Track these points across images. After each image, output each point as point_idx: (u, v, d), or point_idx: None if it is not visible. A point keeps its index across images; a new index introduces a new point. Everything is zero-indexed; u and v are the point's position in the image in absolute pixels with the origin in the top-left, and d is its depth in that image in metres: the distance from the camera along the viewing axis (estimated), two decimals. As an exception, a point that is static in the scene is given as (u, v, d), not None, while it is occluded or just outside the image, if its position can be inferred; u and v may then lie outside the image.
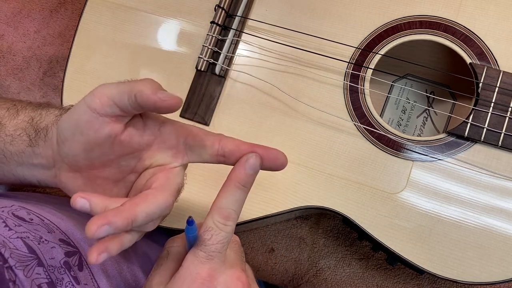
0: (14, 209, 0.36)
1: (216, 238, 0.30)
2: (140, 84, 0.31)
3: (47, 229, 0.36)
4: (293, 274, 0.60)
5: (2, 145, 0.36)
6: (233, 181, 0.31)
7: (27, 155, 0.36)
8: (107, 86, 0.32)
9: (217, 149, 0.34)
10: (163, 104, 0.31)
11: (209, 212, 0.31)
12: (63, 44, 0.71)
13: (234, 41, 0.52)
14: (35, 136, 0.35)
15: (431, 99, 0.59)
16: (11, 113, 0.37)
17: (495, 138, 0.45)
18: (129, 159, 0.35)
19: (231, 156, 0.33)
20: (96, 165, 0.34)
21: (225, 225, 0.31)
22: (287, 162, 0.33)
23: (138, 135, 0.34)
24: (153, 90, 0.31)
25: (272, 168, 0.32)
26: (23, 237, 0.32)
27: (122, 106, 0.32)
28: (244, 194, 0.31)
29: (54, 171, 0.36)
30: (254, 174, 0.31)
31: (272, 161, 0.32)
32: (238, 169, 0.31)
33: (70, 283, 0.33)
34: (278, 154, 0.32)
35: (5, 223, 0.33)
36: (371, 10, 0.51)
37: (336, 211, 0.47)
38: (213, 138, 0.34)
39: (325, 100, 0.49)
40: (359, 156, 0.48)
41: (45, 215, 0.38)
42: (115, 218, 0.28)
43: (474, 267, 0.44)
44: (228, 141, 0.33)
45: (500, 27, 0.48)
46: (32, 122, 0.36)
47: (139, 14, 0.55)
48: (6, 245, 0.31)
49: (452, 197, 0.45)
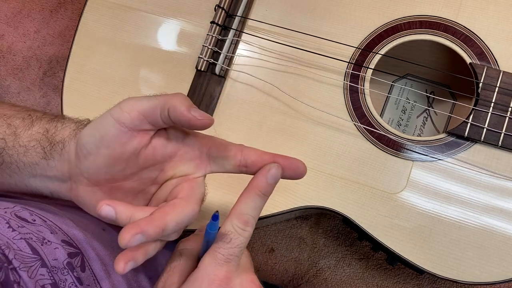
0: (17, 210, 0.36)
1: (234, 242, 0.31)
2: (174, 99, 0.32)
3: (49, 230, 0.35)
4: (293, 274, 0.60)
5: (15, 156, 0.35)
6: (254, 189, 0.32)
7: (41, 167, 0.35)
8: (137, 100, 0.32)
9: (239, 159, 0.34)
10: (198, 122, 0.32)
11: (229, 216, 0.32)
12: (63, 44, 0.71)
13: (234, 41, 0.52)
14: (50, 149, 0.35)
15: (431, 99, 0.59)
16: (26, 124, 0.36)
17: (495, 138, 0.45)
18: (151, 171, 0.35)
19: (253, 166, 0.34)
20: (118, 179, 0.34)
21: (244, 230, 0.31)
22: (306, 171, 0.33)
23: (162, 147, 0.34)
24: (187, 107, 0.31)
25: (293, 177, 0.33)
26: (27, 238, 0.32)
27: (153, 120, 0.32)
28: (263, 202, 0.32)
29: (70, 184, 0.35)
30: (275, 183, 0.32)
31: (293, 170, 0.33)
32: (260, 178, 0.32)
33: (73, 283, 0.33)
34: (299, 163, 0.33)
35: (8, 224, 0.33)
36: (371, 10, 0.51)
37: (336, 211, 0.47)
38: (235, 149, 0.34)
39: (325, 100, 0.49)
40: (359, 156, 0.48)
41: (47, 216, 0.38)
42: (148, 227, 0.29)
43: (474, 267, 0.44)
44: (250, 152, 0.34)
45: (500, 27, 0.48)
46: (47, 134, 0.36)
47: (139, 14, 0.55)
48: (10, 247, 0.30)
49: (452, 197, 0.45)
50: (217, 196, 0.49)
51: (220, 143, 0.35)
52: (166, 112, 0.32)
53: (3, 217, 0.33)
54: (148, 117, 0.32)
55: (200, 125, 0.32)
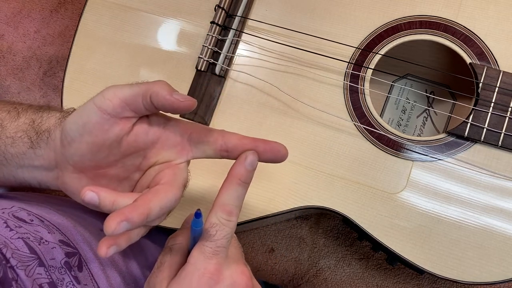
0: (14, 210, 0.36)
1: (221, 234, 0.31)
2: (155, 85, 0.32)
3: (47, 230, 0.36)
4: (293, 274, 0.60)
5: (3, 147, 0.36)
6: (234, 178, 0.32)
7: (28, 157, 0.36)
8: (119, 87, 0.33)
9: (220, 144, 0.35)
10: (181, 104, 0.32)
11: (212, 208, 0.32)
12: (63, 44, 0.71)
13: (234, 41, 0.52)
14: (36, 138, 0.36)
15: (431, 99, 0.59)
16: (12, 116, 0.37)
17: (495, 138, 0.45)
18: (134, 158, 0.36)
19: (234, 151, 0.34)
20: (102, 165, 0.35)
21: (228, 220, 0.31)
22: (287, 154, 0.34)
23: (144, 134, 0.35)
24: (169, 91, 0.32)
25: (274, 161, 0.34)
26: (24, 238, 0.32)
27: (135, 108, 0.33)
28: (245, 190, 0.32)
29: (56, 173, 0.36)
30: (253, 170, 0.33)
31: (274, 154, 0.34)
32: (239, 167, 0.32)
33: (70, 282, 0.33)
34: (279, 147, 0.34)
35: (6, 224, 0.33)
36: (371, 10, 0.51)
37: (336, 211, 0.47)
38: (216, 134, 0.35)
39: (325, 100, 0.49)
40: (359, 156, 0.48)
41: (45, 216, 0.38)
42: (132, 214, 0.30)
43: (474, 267, 0.44)
44: (231, 136, 0.35)
45: (500, 27, 0.48)
46: (34, 124, 0.36)
47: (139, 14, 0.55)
48: (8, 246, 0.31)
49: (452, 197, 0.45)
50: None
51: (201, 128, 0.35)
52: (148, 98, 0.32)
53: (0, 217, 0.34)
54: (130, 105, 0.32)
55: (184, 107, 0.32)
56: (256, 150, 0.34)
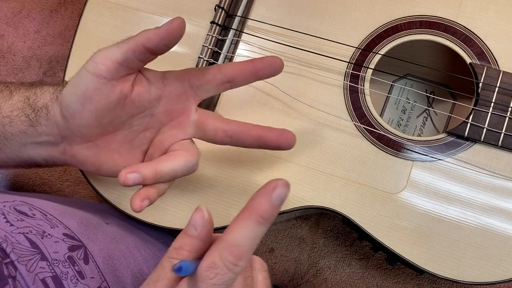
0: (16, 204, 0.36)
1: (220, 279, 0.24)
2: (141, 36, 0.33)
3: (50, 224, 0.36)
4: (293, 274, 0.60)
5: (1, 127, 0.36)
6: (253, 213, 0.24)
7: (30, 135, 0.36)
8: (107, 50, 0.33)
9: (220, 78, 0.36)
10: (173, 25, 0.32)
11: (218, 244, 0.25)
12: (63, 44, 0.71)
13: (234, 41, 0.52)
14: (34, 115, 0.35)
15: (431, 99, 0.59)
16: (5, 95, 0.37)
17: (495, 138, 0.45)
18: (141, 117, 0.36)
19: (236, 80, 0.36)
20: (110, 130, 0.35)
21: (235, 265, 0.25)
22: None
23: (145, 91, 0.35)
24: (156, 29, 0.32)
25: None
26: (25, 232, 0.32)
27: (129, 63, 0.33)
28: (265, 230, 0.25)
29: (63, 147, 0.36)
30: (280, 205, 0.25)
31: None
32: (262, 199, 0.25)
33: (74, 277, 0.33)
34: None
35: (6, 219, 0.33)
36: (371, 10, 0.51)
37: (336, 211, 0.47)
38: (213, 70, 0.36)
39: (325, 100, 0.49)
40: (359, 156, 0.48)
41: (48, 210, 0.38)
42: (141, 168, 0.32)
43: (474, 267, 0.44)
44: (228, 67, 0.36)
45: (500, 27, 0.48)
46: (28, 101, 0.36)
47: (139, 14, 0.55)
48: (8, 240, 0.31)
49: (452, 197, 0.45)
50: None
51: (197, 71, 0.36)
52: (141, 48, 0.32)
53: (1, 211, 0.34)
54: (123, 62, 0.33)
55: (176, 27, 0.32)
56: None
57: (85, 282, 0.33)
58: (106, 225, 0.42)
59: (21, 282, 0.29)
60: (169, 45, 0.33)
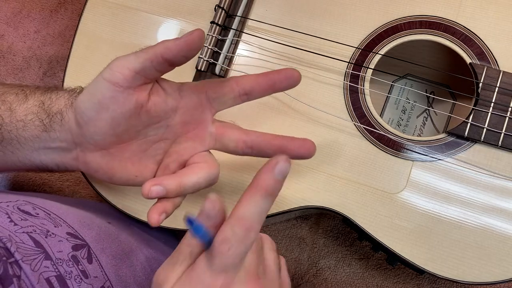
0: (19, 203, 0.36)
1: (234, 252, 0.26)
2: (160, 46, 0.32)
3: (53, 223, 0.36)
4: (293, 274, 0.60)
5: (15, 131, 0.35)
6: (258, 188, 0.27)
7: (43, 140, 0.36)
8: (125, 58, 0.33)
9: (238, 90, 0.35)
10: (192, 37, 0.32)
11: (229, 220, 0.27)
12: (63, 44, 0.71)
13: (234, 41, 0.52)
14: (49, 121, 0.35)
15: (431, 99, 0.59)
16: (20, 98, 0.37)
17: (495, 138, 0.45)
18: (156, 128, 0.36)
19: (253, 92, 0.35)
20: (124, 139, 0.35)
21: (246, 237, 0.26)
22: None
23: (162, 101, 0.35)
24: (175, 40, 0.32)
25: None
26: (29, 232, 0.32)
27: (146, 73, 0.33)
28: (270, 204, 0.27)
29: (76, 153, 0.35)
30: (283, 179, 0.27)
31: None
32: (265, 175, 0.27)
33: (78, 276, 0.33)
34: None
35: (10, 218, 0.33)
36: (371, 10, 0.51)
37: (336, 211, 0.47)
38: (230, 82, 0.36)
39: (325, 100, 0.49)
40: (359, 156, 0.48)
41: (51, 209, 0.38)
42: (166, 181, 0.32)
43: (474, 267, 0.44)
44: (245, 80, 0.35)
45: (500, 27, 0.48)
46: (44, 106, 0.36)
47: (139, 14, 0.55)
48: (12, 239, 0.31)
49: (452, 197, 0.45)
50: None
51: (214, 83, 0.36)
52: (159, 59, 0.32)
53: (5, 210, 0.33)
54: (140, 72, 0.32)
55: (196, 39, 0.32)
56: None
57: (89, 282, 0.33)
58: (108, 224, 0.42)
59: (25, 281, 0.29)
60: (188, 57, 0.33)
